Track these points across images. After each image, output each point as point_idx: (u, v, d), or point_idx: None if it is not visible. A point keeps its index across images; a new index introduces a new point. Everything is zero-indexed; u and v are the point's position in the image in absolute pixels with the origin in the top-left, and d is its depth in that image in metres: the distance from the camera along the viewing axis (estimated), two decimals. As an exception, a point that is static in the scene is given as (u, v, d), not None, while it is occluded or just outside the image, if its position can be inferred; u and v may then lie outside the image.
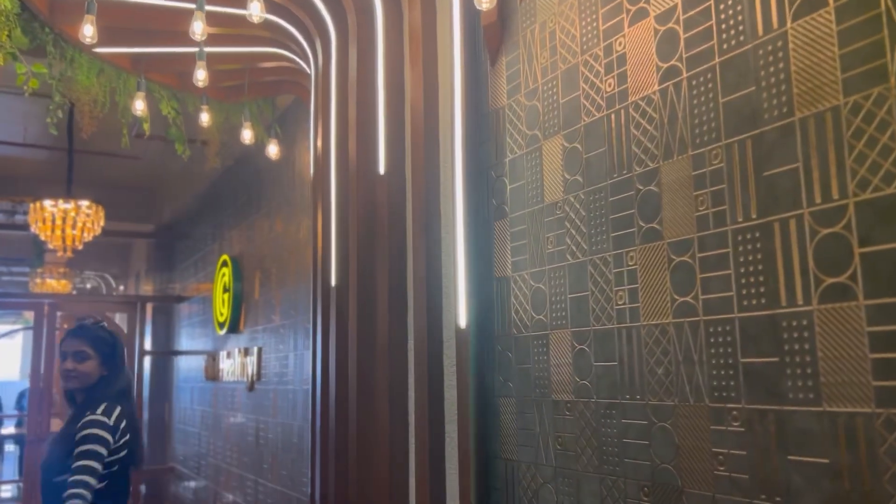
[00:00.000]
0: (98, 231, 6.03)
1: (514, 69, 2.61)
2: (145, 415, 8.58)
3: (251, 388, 5.55)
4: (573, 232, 2.28)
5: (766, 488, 1.65)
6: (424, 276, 2.81)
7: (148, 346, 8.60)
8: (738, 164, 1.76)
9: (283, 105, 5.06)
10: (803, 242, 1.60)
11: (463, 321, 2.64)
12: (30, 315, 12.05)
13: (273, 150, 4.44)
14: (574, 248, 2.27)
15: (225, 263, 6.26)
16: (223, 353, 6.38)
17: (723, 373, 1.78)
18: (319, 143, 3.63)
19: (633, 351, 2.03)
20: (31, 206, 6.00)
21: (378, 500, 2.92)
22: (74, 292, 11.84)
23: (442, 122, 2.89)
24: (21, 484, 8.28)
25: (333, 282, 3.32)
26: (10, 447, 11.23)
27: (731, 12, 1.81)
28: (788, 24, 1.66)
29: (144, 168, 7.99)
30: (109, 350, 2.85)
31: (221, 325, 6.25)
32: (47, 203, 5.91)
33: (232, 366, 6.05)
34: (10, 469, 10.75)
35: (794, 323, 1.62)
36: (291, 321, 4.92)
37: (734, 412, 1.74)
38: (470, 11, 2.76)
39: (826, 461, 1.53)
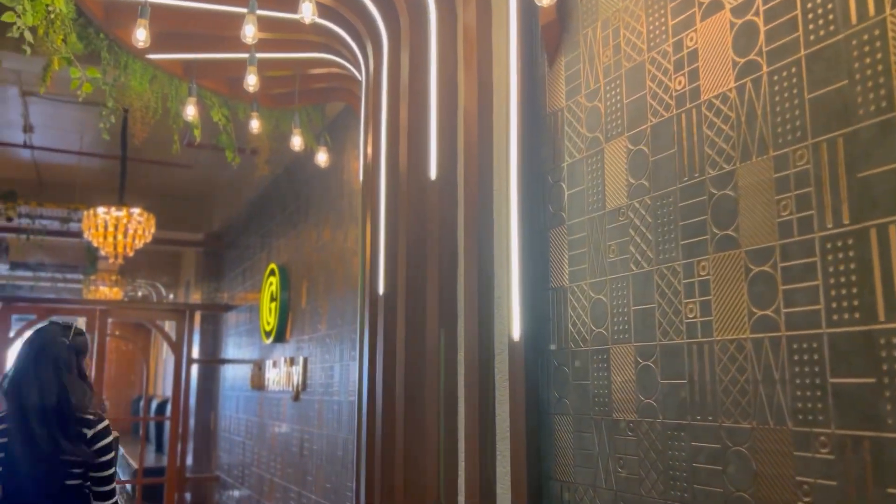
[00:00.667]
0: (149, 238, 6.08)
1: (573, 69, 2.49)
2: (191, 422, 8.62)
3: (296, 398, 5.50)
4: (638, 240, 2.14)
5: (861, 524, 1.48)
6: (476, 285, 2.69)
7: (196, 354, 8.65)
8: (826, 164, 1.61)
9: (332, 113, 5.03)
10: (906, 250, 1.44)
11: (516, 333, 2.51)
12: (82, 321, 12.30)
13: (322, 157, 4.40)
14: (639, 256, 2.13)
15: (272, 272, 6.24)
16: (269, 362, 6.36)
17: (808, 393, 1.61)
18: (369, 150, 3.56)
19: (705, 368, 1.88)
20: (85, 213, 6.08)
21: (425, 519, 2.80)
22: (126, 299, 12.04)
23: (497, 126, 2.78)
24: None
25: (381, 290, 3.22)
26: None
27: (819, 0, 1.66)
28: (887, 11, 1.51)
29: (195, 177, 8.08)
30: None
31: (268, 334, 6.23)
32: (100, 210, 5.98)
33: (278, 375, 6.01)
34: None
35: (894, 340, 1.45)
36: (337, 331, 4.85)
37: (822, 437, 1.58)
38: (527, 11, 2.65)
39: (934, 496, 1.36)
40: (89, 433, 2.52)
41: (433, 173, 2.94)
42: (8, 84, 5.65)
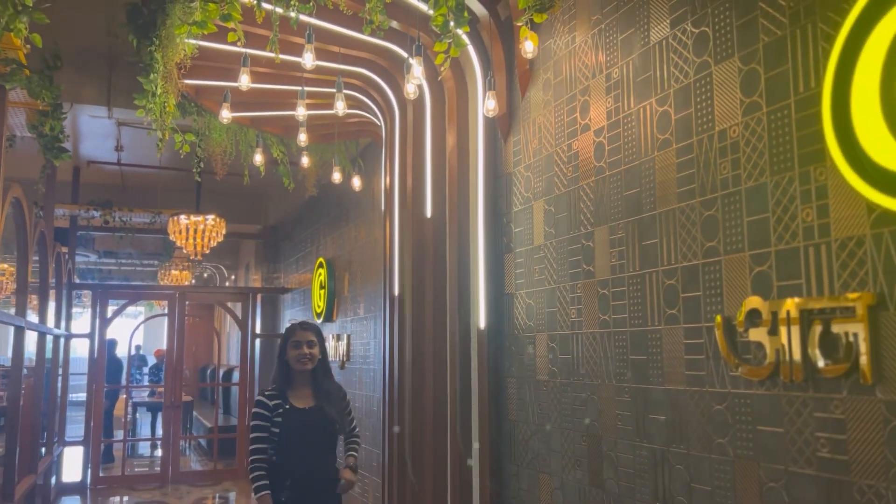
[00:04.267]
0: (221, 238, 7.49)
1: (517, 148, 3.72)
2: (256, 387, 10.14)
3: (342, 366, 6.89)
4: (548, 267, 3.38)
5: (639, 434, 2.74)
6: (457, 290, 3.97)
7: (258, 329, 10.14)
8: (632, 235, 2.83)
9: (363, 143, 6.31)
10: None
11: (482, 324, 3.79)
12: (159, 303, 13.93)
13: (357, 182, 5.69)
14: (549, 277, 3.37)
15: (321, 265, 7.61)
16: (320, 338, 7.76)
17: (621, 363, 2.86)
18: (387, 184, 4.84)
19: (579, 348, 3.13)
20: (170, 219, 7.52)
21: (426, 441, 4.13)
22: (193, 281, 13.63)
23: (471, 182, 4.03)
24: (160, 441, 10.00)
25: (396, 291, 4.54)
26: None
27: (631, 133, 2.87)
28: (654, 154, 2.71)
29: (254, 178, 9.50)
30: (321, 339, 3.44)
31: (319, 315, 7.61)
32: (182, 218, 7.41)
33: (328, 348, 7.41)
34: (146, 429, 12.68)
35: (656, 336, 2.69)
36: (373, 315, 6.18)
37: (626, 388, 2.83)
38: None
39: None
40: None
41: (429, 212, 4.22)
42: (103, 118, 7.08)
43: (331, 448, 3.32)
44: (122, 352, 11.13)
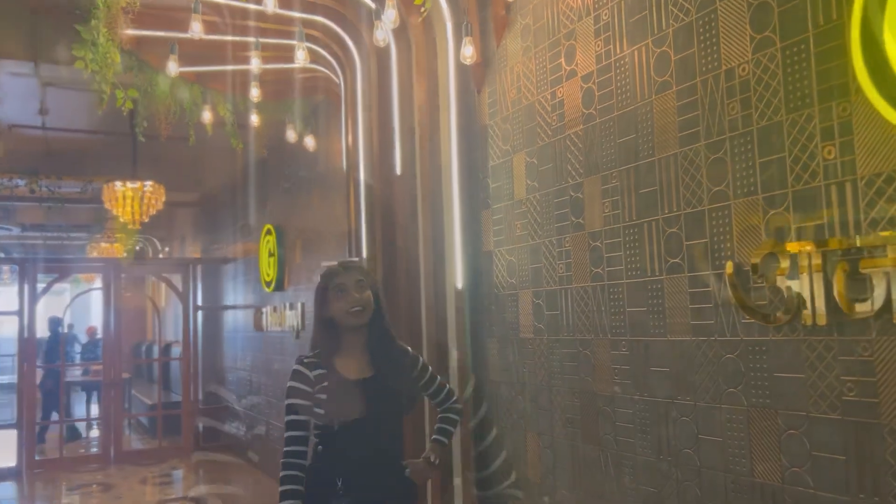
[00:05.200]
0: (161, 206, 7.10)
1: (493, 99, 3.56)
2: (200, 363, 9.79)
3: (297, 336, 6.66)
4: (532, 222, 3.26)
5: (639, 388, 2.67)
6: (432, 250, 3.81)
7: (200, 301, 9.74)
8: (627, 183, 2.72)
9: (317, 101, 6.02)
10: None
11: (460, 284, 3.65)
12: (88, 277, 13.28)
13: (311, 143, 5.42)
14: (532, 232, 3.25)
15: (269, 231, 7.31)
16: (269, 308, 7.49)
17: (616, 317, 2.77)
18: (350, 143, 4.61)
19: (569, 303, 3.03)
20: (105, 186, 7.07)
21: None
22: (125, 254, 13.03)
23: (443, 137, 3.85)
24: (97, 422, 9.57)
25: (364, 254, 4.35)
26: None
27: (625, 78, 2.74)
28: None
29: (191, 144, 9.02)
30: (374, 281, 2.52)
31: (268, 284, 7.33)
32: (118, 184, 6.98)
33: (278, 318, 7.15)
34: (80, 408, 12.12)
35: (657, 286, 2.60)
36: (329, 281, 5.96)
37: (623, 341, 2.74)
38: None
39: None
40: None
41: (398, 169, 4.03)
42: (28, 76, 6.53)
43: (396, 433, 2.48)
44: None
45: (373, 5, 3.80)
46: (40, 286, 8.63)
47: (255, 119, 5.14)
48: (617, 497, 2.77)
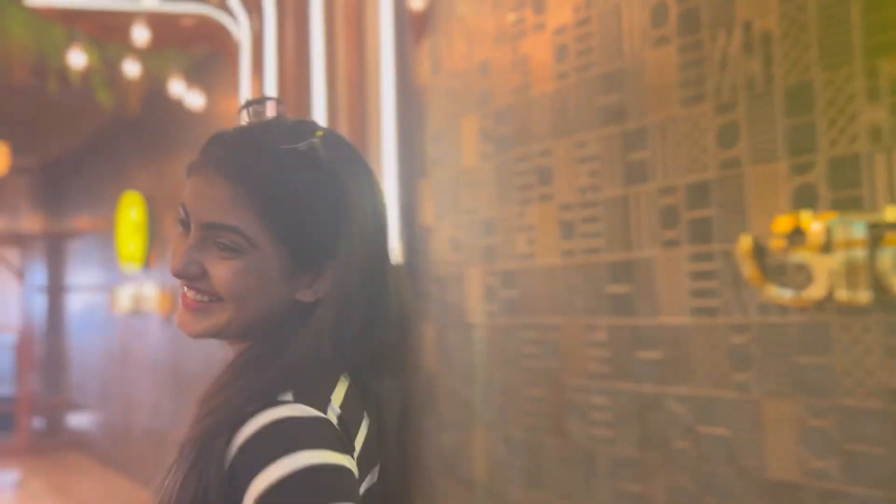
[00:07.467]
0: (5, 171, 6.07)
1: (436, 54, 3.17)
2: (41, 349, 8.64)
3: (168, 320, 5.93)
4: (483, 192, 2.92)
5: (621, 375, 2.41)
6: (358, 222, 3.37)
7: (43, 281, 8.59)
8: (609, 150, 2.45)
9: (199, 55, 5.32)
10: None
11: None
12: None
13: (197, 101, 4.76)
14: (484, 204, 2.91)
15: (132, 203, 6.47)
16: (129, 288, 6.65)
17: (594, 298, 2.50)
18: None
19: (530, 283, 2.73)
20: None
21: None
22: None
23: (372, 96, 3.41)
24: None
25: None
26: None
27: (609, 36, 2.46)
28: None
29: (30, 102, 7.83)
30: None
31: (130, 262, 6.50)
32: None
33: (143, 300, 6.36)
34: None
35: (643, 265, 2.35)
36: (211, 258, 5.32)
37: (600, 326, 2.48)
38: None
39: None
40: None
41: (319, 130, 3.54)
42: None
43: None
44: None
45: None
46: None
47: (134, 69, 4.41)
48: (585, 496, 2.52)
